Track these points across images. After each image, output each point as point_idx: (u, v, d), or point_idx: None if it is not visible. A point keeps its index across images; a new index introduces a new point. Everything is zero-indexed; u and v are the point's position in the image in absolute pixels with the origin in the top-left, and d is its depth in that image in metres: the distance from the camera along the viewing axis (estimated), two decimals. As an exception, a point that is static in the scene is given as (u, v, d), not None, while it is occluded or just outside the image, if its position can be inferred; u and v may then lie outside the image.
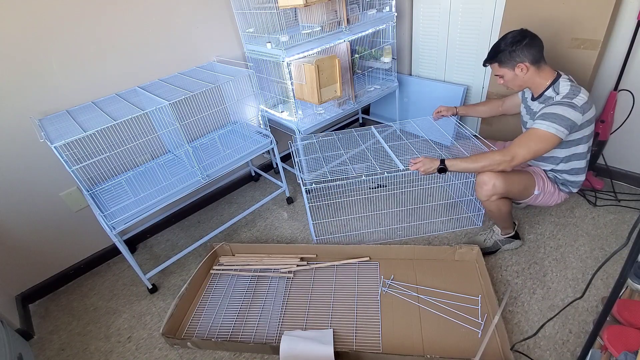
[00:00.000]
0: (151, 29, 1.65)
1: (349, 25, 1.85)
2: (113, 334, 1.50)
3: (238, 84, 1.75)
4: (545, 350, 1.23)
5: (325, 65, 1.69)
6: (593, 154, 1.85)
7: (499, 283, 1.48)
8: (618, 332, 0.99)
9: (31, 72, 1.41)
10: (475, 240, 1.64)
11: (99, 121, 1.35)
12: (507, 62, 1.31)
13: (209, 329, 1.43)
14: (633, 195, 1.79)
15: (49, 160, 1.55)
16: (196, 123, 1.82)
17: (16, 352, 1.30)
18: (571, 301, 1.31)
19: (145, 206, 1.48)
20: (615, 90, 1.69)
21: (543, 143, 1.25)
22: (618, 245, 1.09)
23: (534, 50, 1.28)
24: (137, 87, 1.68)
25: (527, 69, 1.30)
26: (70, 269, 1.78)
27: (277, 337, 1.36)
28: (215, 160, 1.70)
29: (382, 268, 1.58)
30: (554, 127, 1.22)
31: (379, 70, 2.28)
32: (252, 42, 1.88)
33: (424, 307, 1.39)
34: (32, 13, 1.35)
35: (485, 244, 1.60)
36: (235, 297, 1.55)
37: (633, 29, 1.54)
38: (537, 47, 1.28)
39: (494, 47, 1.34)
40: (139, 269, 1.55)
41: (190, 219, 2.12)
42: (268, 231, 1.93)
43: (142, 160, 1.79)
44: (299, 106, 1.92)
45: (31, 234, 1.62)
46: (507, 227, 1.56)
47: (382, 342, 1.30)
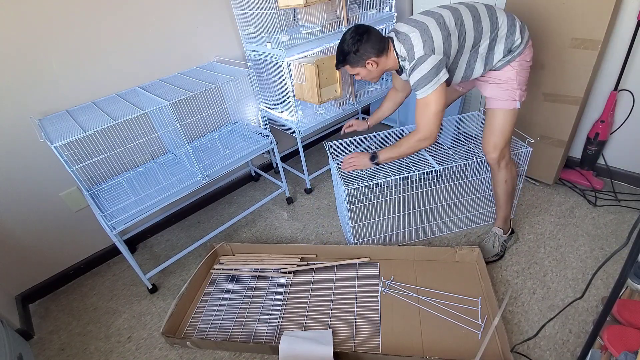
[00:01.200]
0: (151, 29, 1.65)
1: (349, 25, 1.84)
2: (113, 334, 1.50)
3: (238, 84, 1.75)
4: (545, 350, 1.23)
5: (325, 65, 1.69)
6: (593, 154, 1.85)
7: (499, 283, 1.48)
8: (618, 332, 0.99)
9: (31, 72, 1.41)
10: (484, 248, 1.57)
11: (99, 121, 1.35)
12: (356, 62, 1.32)
13: (208, 329, 1.43)
14: (633, 195, 1.79)
15: (49, 160, 1.55)
16: (196, 123, 1.82)
17: (16, 352, 1.30)
18: (571, 301, 1.31)
19: (145, 206, 1.48)
20: (615, 90, 1.69)
21: (435, 103, 1.24)
22: (618, 245, 1.09)
23: (373, 43, 1.27)
24: (137, 87, 1.68)
25: (376, 63, 1.31)
26: (70, 269, 1.78)
27: (276, 337, 1.36)
28: (215, 160, 1.70)
29: (382, 269, 1.57)
30: (429, 86, 1.21)
31: (379, 70, 2.28)
32: (252, 42, 1.88)
33: (423, 308, 1.39)
34: (32, 13, 1.35)
35: (495, 249, 1.56)
36: (235, 297, 1.55)
37: (633, 29, 1.54)
38: (375, 37, 1.28)
39: (339, 51, 1.33)
40: (139, 269, 1.55)
41: (190, 219, 2.12)
42: (268, 231, 1.93)
43: (142, 160, 1.79)
44: (299, 106, 1.92)
45: (31, 234, 1.62)
46: (508, 218, 1.58)
47: (382, 342, 1.30)
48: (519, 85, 1.33)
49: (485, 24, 1.26)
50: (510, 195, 1.51)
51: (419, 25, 1.22)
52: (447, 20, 1.22)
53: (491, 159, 1.43)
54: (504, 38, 1.28)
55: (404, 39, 1.25)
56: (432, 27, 1.21)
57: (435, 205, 1.85)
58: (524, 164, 1.56)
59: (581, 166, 1.93)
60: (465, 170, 1.68)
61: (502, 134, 1.38)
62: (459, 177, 1.68)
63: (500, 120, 1.37)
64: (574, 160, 1.98)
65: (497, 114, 1.38)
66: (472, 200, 1.82)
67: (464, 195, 1.84)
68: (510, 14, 1.30)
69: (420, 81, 1.22)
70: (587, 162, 1.90)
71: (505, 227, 1.58)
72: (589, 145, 1.84)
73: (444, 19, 1.23)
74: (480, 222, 1.76)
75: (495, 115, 1.38)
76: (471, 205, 1.81)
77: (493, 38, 1.28)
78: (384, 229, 1.77)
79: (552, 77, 1.67)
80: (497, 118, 1.38)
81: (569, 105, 1.68)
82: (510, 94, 1.34)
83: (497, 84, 1.36)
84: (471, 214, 1.78)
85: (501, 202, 1.54)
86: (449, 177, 1.70)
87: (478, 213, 1.75)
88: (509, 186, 1.48)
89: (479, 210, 1.76)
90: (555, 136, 1.78)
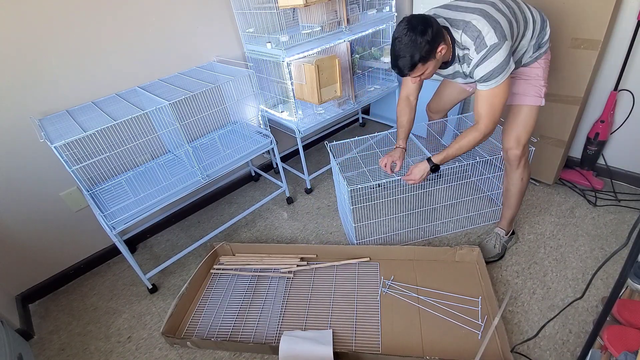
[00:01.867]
0: (151, 29, 1.65)
1: (349, 25, 1.85)
2: (113, 334, 1.50)
3: (238, 84, 1.75)
4: (545, 350, 1.23)
5: (325, 65, 1.69)
6: (593, 154, 1.85)
7: (499, 283, 1.48)
8: (618, 332, 0.99)
9: (31, 72, 1.41)
10: (484, 248, 1.58)
11: (99, 121, 1.35)
12: (430, 55, 1.14)
13: (208, 329, 1.43)
14: (633, 195, 1.79)
15: (49, 160, 1.55)
16: (196, 123, 1.82)
17: (16, 352, 1.30)
18: (571, 301, 1.31)
19: (145, 206, 1.48)
20: (615, 90, 1.69)
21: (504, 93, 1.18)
22: (618, 245, 1.09)
23: (437, 27, 1.12)
24: (137, 87, 1.68)
25: (444, 48, 1.15)
26: (70, 269, 1.78)
27: (276, 337, 1.36)
28: (215, 160, 1.70)
29: (382, 269, 1.57)
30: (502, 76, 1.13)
31: (379, 70, 2.28)
32: (252, 42, 1.88)
33: (423, 308, 1.39)
34: (32, 13, 1.35)
35: (496, 249, 1.56)
36: (235, 297, 1.55)
37: (633, 29, 1.54)
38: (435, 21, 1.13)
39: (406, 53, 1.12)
40: (139, 269, 1.55)
41: (190, 219, 2.12)
42: (268, 231, 1.93)
43: (142, 160, 1.79)
44: (299, 106, 1.92)
45: (31, 233, 1.62)
46: (513, 220, 1.57)
47: (382, 343, 1.30)
48: (545, 82, 1.32)
49: (524, 15, 1.19)
50: (522, 195, 1.50)
51: (477, 11, 1.12)
52: (500, 7, 1.13)
53: (513, 155, 1.39)
54: (537, 33, 1.23)
55: (464, 25, 1.13)
56: (493, 12, 1.11)
57: (437, 206, 1.85)
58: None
59: (581, 166, 1.93)
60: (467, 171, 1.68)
61: (526, 130, 1.35)
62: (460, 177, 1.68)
63: (526, 116, 1.34)
64: (574, 160, 1.98)
65: (522, 110, 1.34)
66: (473, 201, 1.82)
67: (466, 196, 1.83)
68: (536, 8, 1.25)
69: (494, 71, 1.12)
70: (587, 162, 1.90)
71: (508, 229, 1.58)
72: (589, 145, 1.84)
73: (497, 5, 1.13)
74: (480, 222, 1.76)
75: (520, 111, 1.35)
76: (472, 205, 1.81)
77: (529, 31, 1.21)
78: (385, 229, 1.77)
79: (553, 77, 1.67)
80: (522, 114, 1.34)
81: (569, 105, 1.68)
82: (537, 91, 1.31)
83: (526, 80, 1.32)
84: (472, 214, 1.78)
85: (512, 202, 1.51)
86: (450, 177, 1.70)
87: (479, 213, 1.75)
88: (524, 185, 1.46)
89: (480, 210, 1.76)
90: (555, 136, 1.78)
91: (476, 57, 1.14)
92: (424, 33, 1.09)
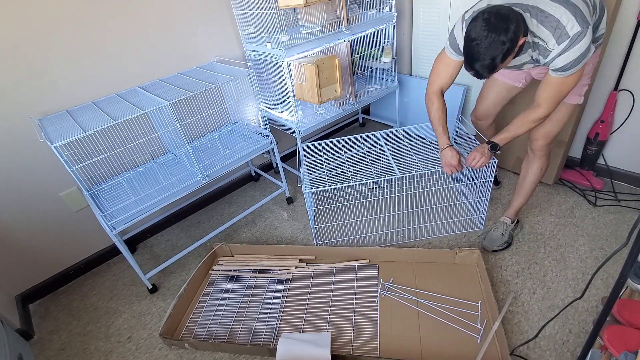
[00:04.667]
0: (151, 29, 1.65)
1: (349, 25, 1.85)
2: (113, 334, 1.50)
3: (238, 84, 1.75)
4: (545, 350, 1.23)
5: (325, 65, 1.69)
6: (593, 154, 1.85)
7: (499, 283, 1.47)
8: (618, 332, 0.99)
9: (31, 71, 1.41)
10: (491, 239, 1.60)
11: (99, 121, 1.35)
12: (511, 52, 1.06)
13: (206, 330, 1.43)
14: (633, 195, 1.79)
15: (49, 160, 1.55)
16: (196, 123, 1.82)
17: (16, 352, 1.30)
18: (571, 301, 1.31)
19: (145, 206, 1.48)
20: (615, 90, 1.69)
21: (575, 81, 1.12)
22: (618, 245, 1.09)
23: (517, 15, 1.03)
24: (137, 87, 1.68)
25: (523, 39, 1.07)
26: (70, 269, 1.78)
27: (274, 339, 1.36)
28: (215, 160, 1.70)
29: (381, 271, 1.57)
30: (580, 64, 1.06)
31: (379, 70, 2.28)
32: (252, 42, 1.88)
33: (423, 311, 1.39)
34: (32, 13, 1.35)
35: (503, 238, 1.59)
36: (234, 298, 1.55)
37: (633, 29, 1.54)
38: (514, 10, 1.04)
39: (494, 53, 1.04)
40: (139, 269, 1.55)
41: (190, 219, 2.12)
42: (268, 231, 1.93)
43: (142, 160, 1.79)
44: (299, 106, 1.92)
45: (31, 234, 1.62)
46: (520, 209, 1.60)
47: (380, 345, 1.29)
48: (589, 80, 1.28)
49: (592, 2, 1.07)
50: (535, 185, 1.53)
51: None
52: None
53: (539, 146, 1.39)
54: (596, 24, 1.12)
55: (539, 14, 1.03)
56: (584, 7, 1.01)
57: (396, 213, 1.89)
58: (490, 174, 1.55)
59: (581, 166, 1.93)
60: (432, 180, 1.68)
61: (558, 125, 1.34)
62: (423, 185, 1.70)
63: (562, 113, 1.32)
64: (574, 160, 1.98)
65: (561, 106, 1.29)
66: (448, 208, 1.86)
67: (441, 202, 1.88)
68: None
69: (576, 60, 1.04)
70: (587, 162, 1.90)
71: (514, 218, 1.61)
72: (589, 145, 1.84)
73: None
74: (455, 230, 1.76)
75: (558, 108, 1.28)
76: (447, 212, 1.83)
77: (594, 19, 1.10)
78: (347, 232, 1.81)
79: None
80: (560, 109, 1.30)
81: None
82: (578, 90, 1.27)
83: None
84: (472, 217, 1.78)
85: (525, 191, 1.54)
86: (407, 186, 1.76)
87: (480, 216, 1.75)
88: (541, 175, 1.49)
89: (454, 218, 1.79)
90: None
91: (557, 49, 1.04)
92: (507, 31, 1.00)
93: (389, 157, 1.60)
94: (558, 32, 1.02)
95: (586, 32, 1.00)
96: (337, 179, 1.61)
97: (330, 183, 1.58)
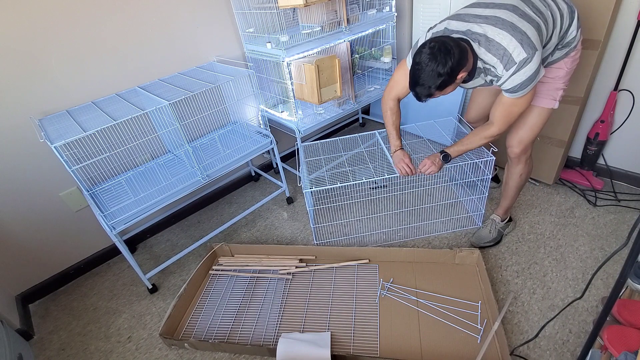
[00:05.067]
0: (151, 29, 1.65)
1: (349, 25, 1.85)
2: (113, 334, 1.50)
3: (238, 84, 1.75)
4: (545, 350, 1.23)
5: (325, 65, 1.69)
6: (593, 154, 1.85)
7: (499, 283, 1.47)
8: (618, 332, 0.99)
9: (31, 71, 1.41)
10: (479, 235, 1.63)
11: (99, 121, 1.35)
12: (450, 83, 1.11)
13: (206, 330, 1.43)
14: (633, 195, 1.79)
15: (49, 160, 1.55)
16: (196, 123, 1.82)
17: (16, 352, 1.30)
18: (571, 301, 1.31)
19: (145, 206, 1.48)
20: (615, 90, 1.69)
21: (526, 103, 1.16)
22: (618, 245, 1.09)
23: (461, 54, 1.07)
24: (137, 87, 1.68)
25: (465, 73, 1.13)
26: (70, 269, 1.78)
27: (274, 339, 1.36)
28: (215, 160, 1.70)
29: (381, 271, 1.57)
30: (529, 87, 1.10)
31: (379, 70, 2.28)
32: (252, 42, 1.88)
33: (423, 311, 1.38)
34: (32, 12, 1.35)
35: (491, 235, 1.61)
36: (234, 298, 1.55)
37: (633, 29, 1.54)
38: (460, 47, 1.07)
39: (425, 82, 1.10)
40: (139, 269, 1.55)
41: (190, 219, 2.12)
42: (268, 231, 1.93)
43: (142, 160, 1.79)
44: (299, 106, 1.92)
45: (31, 234, 1.62)
46: (509, 209, 1.60)
47: (380, 346, 1.29)
48: (563, 85, 1.27)
49: (550, 11, 1.10)
50: (519, 189, 1.53)
51: (500, 23, 1.06)
52: (524, 10, 1.06)
53: (513, 152, 1.40)
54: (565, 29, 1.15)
55: (486, 42, 1.08)
56: (516, 21, 1.04)
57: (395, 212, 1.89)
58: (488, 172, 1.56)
59: (581, 166, 1.93)
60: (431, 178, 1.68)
61: (532, 130, 1.34)
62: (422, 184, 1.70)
63: (535, 117, 1.32)
64: (574, 160, 1.98)
65: (533, 111, 1.31)
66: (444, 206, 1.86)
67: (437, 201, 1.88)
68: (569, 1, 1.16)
69: (523, 83, 1.09)
70: (587, 162, 1.90)
71: (503, 216, 1.62)
72: (589, 145, 1.84)
73: (520, 9, 1.06)
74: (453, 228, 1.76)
75: (531, 112, 1.31)
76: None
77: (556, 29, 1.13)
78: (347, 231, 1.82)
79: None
80: (532, 114, 1.31)
81: (569, 105, 1.68)
82: (552, 93, 1.27)
83: (542, 81, 1.27)
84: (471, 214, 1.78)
85: (509, 194, 1.55)
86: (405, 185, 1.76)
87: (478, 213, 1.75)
88: (522, 180, 1.49)
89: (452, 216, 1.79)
90: (555, 136, 1.78)
91: (506, 74, 1.09)
92: (445, 65, 1.05)
93: (388, 157, 1.60)
94: (505, 60, 1.07)
95: (532, 57, 1.05)
96: (337, 179, 1.61)
97: (330, 182, 1.58)
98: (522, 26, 1.04)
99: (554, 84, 1.26)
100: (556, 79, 1.26)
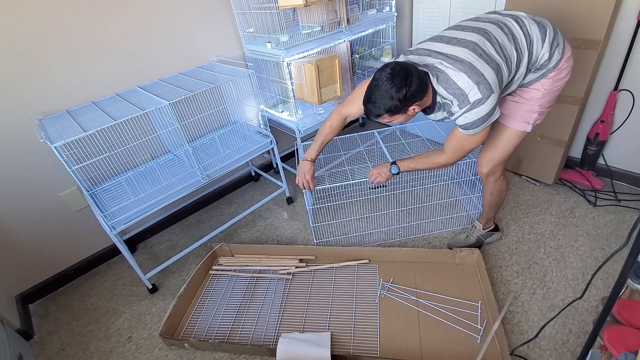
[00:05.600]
0: (151, 29, 1.65)
1: (349, 25, 1.85)
2: (113, 334, 1.50)
3: (238, 84, 1.75)
4: (545, 350, 1.23)
5: (325, 65, 1.69)
6: (593, 154, 1.85)
7: (499, 283, 1.47)
8: (618, 332, 0.99)
9: (31, 71, 1.41)
10: (456, 239, 1.64)
11: (99, 121, 1.35)
12: (399, 110, 1.09)
13: (206, 330, 1.43)
14: (633, 195, 1.79)
15: (49, 160, 1.55)
16: (196, 123, 1.82)
17: (16, 352, 1.30)
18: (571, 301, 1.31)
19: (145, 206, 1.48)
20: (615, 90, 1.69)
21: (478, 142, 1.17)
22: (618, 245, 1.09)
23: (419, 86, 1.06)
24: (137, 87, 1.68)
25: (419, 107, 1.12)
26: (70, 269, 1.78)
27: (274, 339, 1.36)
28: (215, 160, 1.70)
29: (381, 271, 1.57)
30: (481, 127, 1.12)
31: (379, 70, 2.28)
32: (252, 42, 1.88)
33: (423, 311, 1.39)
34: (32, 13, 1.35)
35: (468, 241, 1.61)
36: (234, 298, 1.55)
37: (633, 29, 1.54)
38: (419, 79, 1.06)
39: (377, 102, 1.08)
40: (139, 269, 1.55)
41: (190, 219, 2.12)
42: (268, 231, 1.93)
43: (142, 160, 1.79)
44: (299, 106, 1.92)
45: (31, 234, 1.62)
46: (492, 219, 1.59)
47: (380, 346, 1.29)
48: (539, 108, 1.22)
49: (515, 45, 1.11)
50: (494, 206, 1.51)
51: (459, 63, 1.06)
52: (485, 48, 1.07)
53: (480, 172, 1.39)
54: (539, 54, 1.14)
55: (445, 81, 1.09)
56: (475, 61, 1.05)
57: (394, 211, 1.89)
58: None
59: (581, 166, 1.93)
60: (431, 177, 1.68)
61: (502, 152, 1.32)
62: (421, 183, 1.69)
63: (506, 139, 1.30)
64: (574, 160, 1.98)
65: (505, 132, 1.29)
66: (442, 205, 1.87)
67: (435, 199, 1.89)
68: (542, 22, 1.15)
69: (475, 122, 1.10)
70: (587, 162, 1.90)
71: (486, 225, 1.60)
72: (589, 145, 1.84)
73: (481, 48, 1.07)
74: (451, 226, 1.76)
75: (503, 133, 1.30)
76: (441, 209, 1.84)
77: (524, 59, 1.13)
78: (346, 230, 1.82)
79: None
80: (503, 136, 1.30)
81: (569, 105, 1.68)
82: (526, 116, 1.25)
83: (517, 101, 1.26)
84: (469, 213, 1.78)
85: (485, 207, 1.53)
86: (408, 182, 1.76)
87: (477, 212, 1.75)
88: (493, 198, 1.46)
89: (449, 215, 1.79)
90: (555, 136, 1.78)
91: (459, 112, 1.11)
92: (399, 90, 1.04)
93: (387, 156, 1.60)
94: (461, 99, 1.08)
95: (487, 99, 1.05)
96: (337, 178, 1.61)
97: (329, 182, 1.58)
98: (481, 67, 1.05)
99: (529, 105, 1.24)
100: (531, 100, 1.23)
